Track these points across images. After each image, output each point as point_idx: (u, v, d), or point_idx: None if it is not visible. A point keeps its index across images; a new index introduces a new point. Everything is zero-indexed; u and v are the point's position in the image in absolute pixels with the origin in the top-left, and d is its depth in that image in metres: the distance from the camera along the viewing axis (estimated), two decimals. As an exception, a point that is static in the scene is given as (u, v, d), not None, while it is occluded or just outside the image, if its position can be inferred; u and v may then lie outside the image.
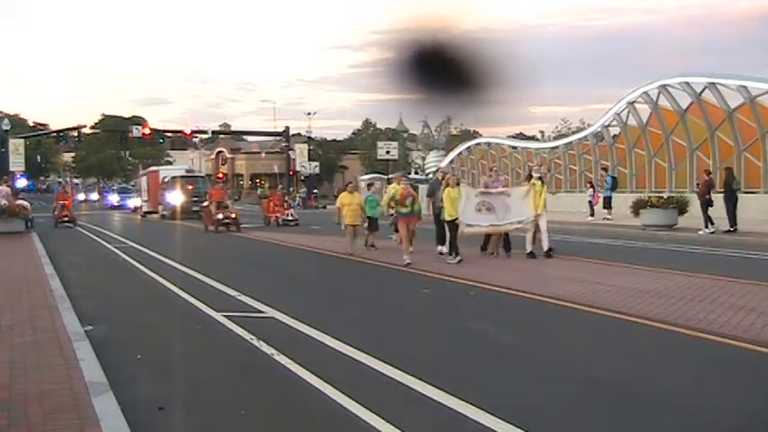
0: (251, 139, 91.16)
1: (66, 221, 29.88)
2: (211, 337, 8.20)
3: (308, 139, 60.50)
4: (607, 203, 26.17)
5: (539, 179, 14.84)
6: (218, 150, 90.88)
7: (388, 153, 52.40)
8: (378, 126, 79.97)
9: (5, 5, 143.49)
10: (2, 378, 5.90)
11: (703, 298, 9.50)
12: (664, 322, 8.09)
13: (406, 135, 79.43)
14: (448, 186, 14.54)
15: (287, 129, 57.34)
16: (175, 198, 35.41)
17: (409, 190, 15.26)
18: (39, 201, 47.93)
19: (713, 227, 19.29)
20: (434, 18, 3.26)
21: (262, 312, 9.33)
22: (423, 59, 3.36)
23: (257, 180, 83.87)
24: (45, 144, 71.45)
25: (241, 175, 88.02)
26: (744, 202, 20.50)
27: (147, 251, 18.36)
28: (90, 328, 8.14)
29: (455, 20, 3.25)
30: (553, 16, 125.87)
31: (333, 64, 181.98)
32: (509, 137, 55.97)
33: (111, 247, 20.18)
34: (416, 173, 62.23)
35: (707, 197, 19.54)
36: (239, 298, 10.50)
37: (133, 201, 49.98)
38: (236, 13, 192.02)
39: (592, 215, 26.45)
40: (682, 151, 30.02)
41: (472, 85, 3.37)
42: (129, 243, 21.29)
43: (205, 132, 61.12)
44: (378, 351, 6.84)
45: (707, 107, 28.01)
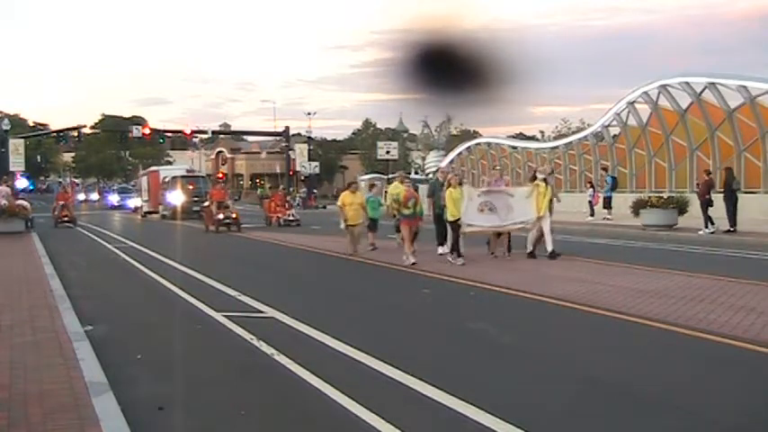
0: (251, 139, 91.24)
1: (67, 221, 29.85)
2: (211, 337, 8.20)
3: (308, 139, 60.50)
4: (607, 203, 26.19)
5: (543, 180, 14.80)
6: (218, 150, 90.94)
7: (388, 153, 52.42)
8: (378, 126, 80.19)
9: (5, 5, 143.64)
10: (2, 378, 5.90)
11: (703, 298, 9.50)
12: (664, 322, 8.10)
13: (406, 135, 79.50)
14: (450, 187, 14.54)
15: (287, 129, 57.35)
16: (176, 198, 35.35)
17: (412, 192, 15.25)
18: (39, 201, 47.90)
19: (713, 227, 19.30)
20: (434, 18, 3.26)
21: (262, 312, 9.33)
22: (423, 59, 3.36)
23: (257, 180, 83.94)
24: (45, 144, 71.44)
25: (241, 175, 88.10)
26: (744, 202, 20.51)
27: (147, 251, 18.36)
28: (90, 328, 8.14)
29: (455, 20, 3.25)
30: (553, 16, 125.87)
31: (333, 64, 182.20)
32: (509, 137, 56.02)
33: (111, 247, 20.18)
34: (416, 173, 62.20)
35: (707, 197, 19.55)
36: (239, 298, 10.50)
37: (133, 201, 49.95)
38: (236, 14, 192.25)
39: (592, 215, 26.46)
40: (682, 151, 30.03)
41: (472, 85, 3.37)
42: (129, 243, 21.29)
43: (205, 132, 61.13)
44: (378, 351, 6.84)
45: (707, 107, 28.01)
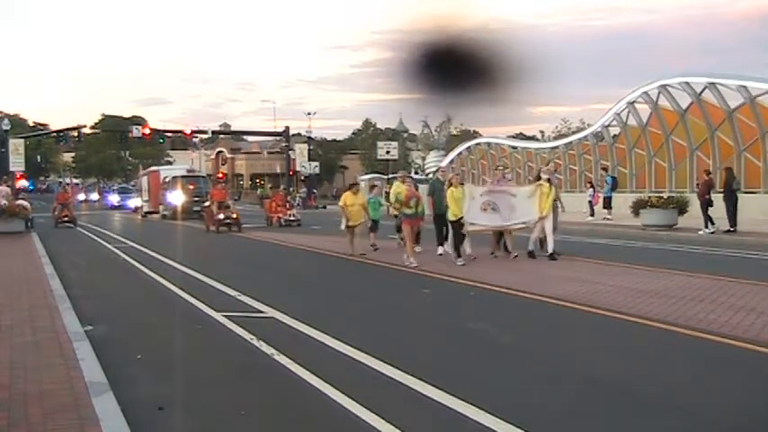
0: (251, 139, 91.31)
1: (67, 221, 29.85)
2: (211, 337, 8.20)
3: (308, 139, 60.50)
4: (607, 203, 26.19)
5: (547, 180, 14.73)
6: (218, 150, 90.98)
7: (388, 153, 52.38)
8: (378, 126, 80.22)
9: (5, 5, 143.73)
10: (2, 378, 5.90)
11: (703, 298, 9.50)
12: (664, 322, 8.09)
13: (406, 135, 79.51)
14: (451, 186, 14.51)
15: (287, 129, 57.34)
16: (177, 198, 35.31)
17: (413, 191, 15.13)
18: (39, 201, 47.90)
19: (713, 227, 19.30)
20: (435, 18, 3.26)
21: (262, 312, 9.33)
22: (423, 59, 3.36)
23: (257, 180, 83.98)
24: (45, 144, 71.47)
25: (241, 175, 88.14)
26: (744, 202, 20.51)
27: (147, 251, 18.36)
28: (90, 328, 8.14)
29: (455, 20, 3.26)
30: (553, 16, 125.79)
31: (333, 64, 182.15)
32: (509, 137, 56.03)
33: (111, 248, 20.17)
34: (416, 173, 62.20)
35: (707, 197, 19.55)
36: (239, 298, 10.50)
37: (133, 201, 49.95)
38: (236, 14, 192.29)
39: (592, 215, 26.46)
40: (682, 151, 30.02)
41: (472, 85, 3.38)
42: (129, 243, 21.29)
43: (205, 132, 61.14)
44: (378, 351, 6.84)
45: (707, 107, 28.01)
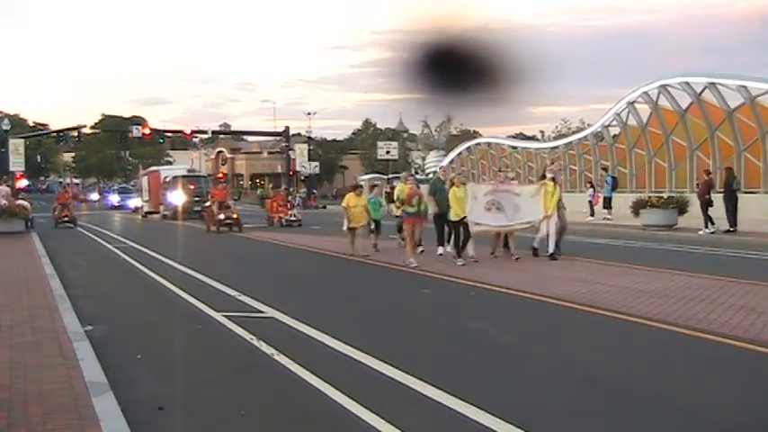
0: (251, 139, 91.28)
1: (67, 222, 29.85)
2: (211, 337, 8.20)
3: (308, 139, 60.49)
4: (607, 203, 26.20)
5: (552, 180, 14.67)
6: (218, 150, 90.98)
7: (388, 153, 52.39)
8: (378, 126, 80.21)
9: (5, 5, 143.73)
10: (2, 378, 5.90)
11: (703, 298, 9.50)
12: (664, 322, 8.10)
13: (406, 135, 79.52)
14: (453, 186, 14.47)
15: (287, 129, 57.32)
16: (177, 198, 35.24)
17: (415, 189, 15.05)
18: (39, 201, 47.90)
19: (713, 227, 19.31)
20: (435, 18, 3.26)
21: (262, 312, 9.33)
22: (423, 59, 3.36)
23: (257, 180, 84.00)
24: (45, 144, 71.39)
25: (241, 175, 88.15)
26: (744, 202, 20.51)
27: (147, 251, 18.36)
28: (90, 328, 8.14)
29: (455, 20, 3.26)
30: (553, 16, 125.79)
31: (333, 64, 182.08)
32: (509, 137, 56.08)
33: (111, 248, 20.17)
34: (416, 173, 62.21)
35: (707, 197, 19.56)
36: (239, 298, 10.50)
37: (134, 201, 49.91)
38: (236, 14, 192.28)
39: (592, 215, 26.47)
40: (682, 151, 30.03)
41: (472, 85, 3.38)
42: (129, 243, 21.28)
43: (205, 132, 61.11)
44: (378, 351, 6.84)
45: (707, 107, 28.01)
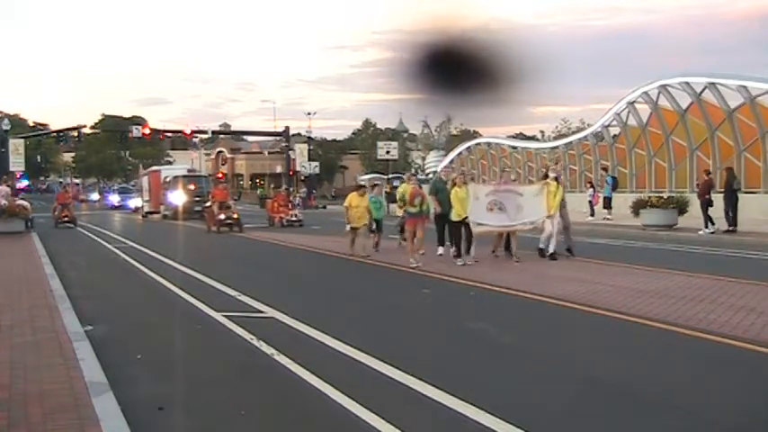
0: (251, 139, 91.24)
1: (67, 222, 29.84)
2: (211, 337, 8.20)
3: (308, 139, 60.46)
4: (607, 203, 26.20)
5: (555, 179, 14.61)
6: (218, 150, 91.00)
7: (388, 153, 52.32)
8: (378, 126, 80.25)
9: (5, 5, 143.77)
10: (2, 378, 5.90)
11: (703, 298, 9.50)
12: (664, 322, 8.10)
13: (406, 135, 79.56)
14: (455, 186, 14.46)
15: (287, 129, 57.27)
16: (178, 198, 35.17)
17: (418, 189, 14.96)
18: (39, 201, 47.89)
19: (713, 227, 19.31)
20: (434, 18, 3.26)
21: (262, 312, 9.33)
22: (423, 59, 3.36)
23: (257, 180, 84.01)
24: (45, 144, 71.40)
25: (241, 175, 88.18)
26: (744, 202, 20.51)
27: (147, 251, 18.36)
28: (90, 328, 8.14)
29: (455, 20, 3.26)
30: (553, 16, 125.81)
31: (333, 64, 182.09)
32: (509, 137, 56.11)
33: (111, 248, 20.17)
34: (416, 173, 62.19)
35: (707, 197, 19.56)
36: (239, 298, 10.50)
37: (134, 201, 49.89)
38: (236, 14, 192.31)
39: (592, 215, 26.48)
40: (682, 151, 30.03)
41: (472, 85, 3.37)
42: (129, 243, 21.28)
43: (205, 132, 61.03)
44: (378, 351, 6.84)
45: (707, 107, 28.01)
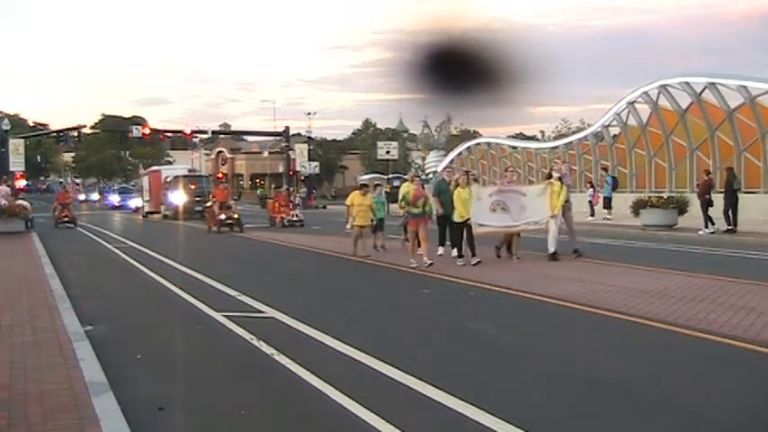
0: (251, 139, 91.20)
1: (67, 222, 29.83)
2: (211, 337, 8.20)
3: (308, 139, 60.49)
4: (607, 203, 26.20)
5: (558, 179, 14.48)
6: (218, 150, 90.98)
7: (388, 153, 52.28)
8: (378, 126, 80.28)
9: (5, 5, 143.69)
10: (2, 378, 5.90)
11: (703, 298, 9.50)
12: (664, 322, 8.10)
13: (406, 135, 79.52)
14: (458, 187, 14.40)
15: (287, 129, 57.27)
16: (178, 198, 35.13)
17: (421, 190, 14.88)
18: (39, 201, 47.89)
19: (713, 227, 19.31)
20: (435, 18, 3.26)
21: (262, 312, 9.34)
22: (423, 59, 3.36)
23: (257, 180, 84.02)
24: (45, 144, 71.31)
25: (241, 175, 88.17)
26: (744, 202, 20.51)
27: (147, 251, 18.36)
28: (90, 328, 8.15)
29: (455, 20, 3.26)
30: (553, 16, 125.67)
31: (333, 64, 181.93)
32: (509, 137, 56.08)
33: (111, 248, 20.17)
34: (419, 174, 62.15)
35: (707, 197, 19.56)
36: (239, 298, 10.50)
37: (134, 201, 49.89)
38: (236, 14, 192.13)
39: (592, 215, 26.47)
40: (682, 151, 30.03)
41: (472, 85, 3.38)
42: (129, 243, 21.29)
43: (205, 132, 61.01)
44: (378, 351, 6.84)
45: (707, 107, 28.02)
